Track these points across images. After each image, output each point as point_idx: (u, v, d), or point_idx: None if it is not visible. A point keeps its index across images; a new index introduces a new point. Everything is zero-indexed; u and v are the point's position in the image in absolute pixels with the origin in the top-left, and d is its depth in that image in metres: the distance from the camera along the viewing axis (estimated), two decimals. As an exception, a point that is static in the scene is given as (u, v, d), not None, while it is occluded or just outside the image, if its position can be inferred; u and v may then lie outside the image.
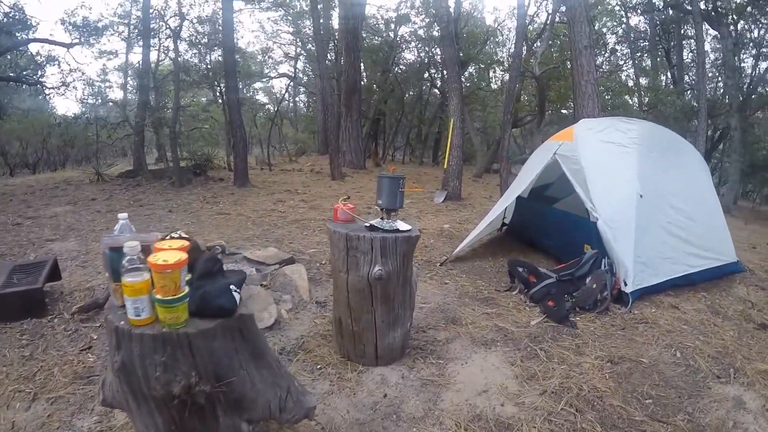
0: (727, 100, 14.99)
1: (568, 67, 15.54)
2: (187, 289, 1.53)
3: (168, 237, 1.79)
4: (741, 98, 13.69)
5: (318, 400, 2.36)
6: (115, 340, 1.60)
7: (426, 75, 20.27)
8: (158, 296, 1.48)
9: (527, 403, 2.56)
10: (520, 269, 4.20)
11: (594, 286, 3.87)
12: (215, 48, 13.44)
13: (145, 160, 12.08)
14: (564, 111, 19.27)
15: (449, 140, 9.55)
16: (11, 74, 12.68)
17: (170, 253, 1.49)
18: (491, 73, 20.83)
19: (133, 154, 12.87)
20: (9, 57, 12.73)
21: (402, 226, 2.74)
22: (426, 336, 3.29)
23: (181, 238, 1.75)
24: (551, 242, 5.49)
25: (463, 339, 3.27)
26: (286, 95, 27.34)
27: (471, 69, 19.22)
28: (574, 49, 8.06)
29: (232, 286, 1.65)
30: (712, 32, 15.68)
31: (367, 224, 2.71)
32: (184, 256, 1.49)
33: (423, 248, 5.56)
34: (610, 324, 3.66)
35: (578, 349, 3.23)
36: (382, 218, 2.80)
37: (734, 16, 14.36)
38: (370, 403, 2.50)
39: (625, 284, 4.03)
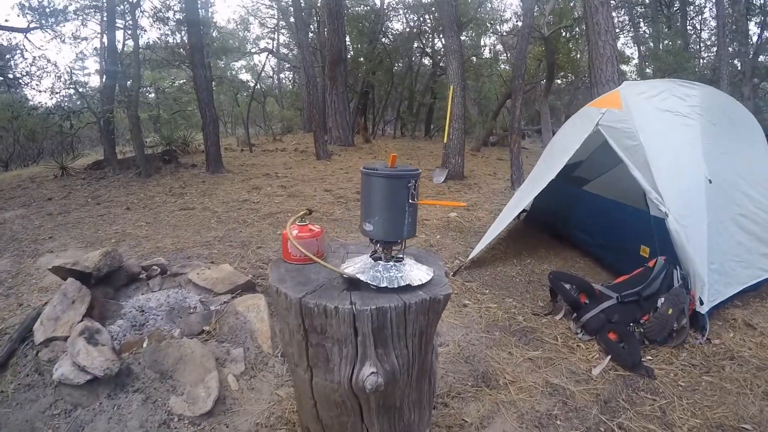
0: (739, 68, 13.89)
1: (576, 30, 14.41)
2: None
3: None
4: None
5: None
6: None
7: (416, 45, 18.94)
8: None
9: None
10: (567, 286, 3.08)
11: (669, 311, 2.78)
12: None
13: (114, 148, 10.87)
14: (558, 81, 18.00)
15: (449, 110, 8.36)
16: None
17: None
18: (483, 40, 19.56)
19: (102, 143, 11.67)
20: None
21: (413, 273, 1.37)
22: (449, 414, 2.15)
23: None
24: (588, 237, 4.40)
25: (505, 416, 2.15)
26: (269, 71, 25.97)
27: (464, 36, 17.85)
28: (589, 5, 6.89)
29: None
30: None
31: (345, 273, 1.35)
32: None
33: (427, 248, 4.44)
34: (689, 363, 2.66)
35: (664, 416, 2.20)
36: (374, 254, 1.44)
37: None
38: None
39: (701, 302, 2.96)
